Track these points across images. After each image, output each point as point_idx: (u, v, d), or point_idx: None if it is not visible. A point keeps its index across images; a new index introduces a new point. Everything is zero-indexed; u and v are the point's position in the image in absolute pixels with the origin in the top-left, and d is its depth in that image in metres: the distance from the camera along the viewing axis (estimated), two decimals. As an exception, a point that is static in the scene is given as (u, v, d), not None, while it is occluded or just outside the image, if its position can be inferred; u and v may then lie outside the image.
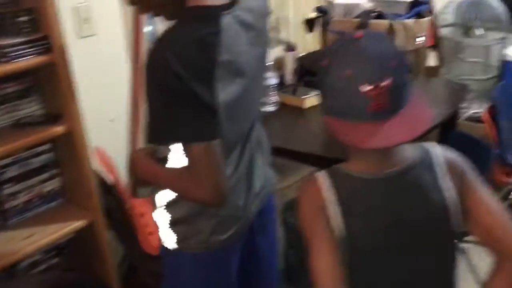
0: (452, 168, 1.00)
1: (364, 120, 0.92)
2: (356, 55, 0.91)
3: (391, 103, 0.91)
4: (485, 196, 1.01)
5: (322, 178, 1.01)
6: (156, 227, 1.33)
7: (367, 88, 0.89)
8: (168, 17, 1.13)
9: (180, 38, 1.00)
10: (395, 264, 1.01)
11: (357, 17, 2.05)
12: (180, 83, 0.97)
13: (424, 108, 0.97)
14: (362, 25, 2.00)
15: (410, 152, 1.00)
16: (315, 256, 0.99)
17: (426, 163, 0.99)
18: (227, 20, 1.04)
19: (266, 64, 1.28)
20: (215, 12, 1.03)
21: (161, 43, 1.02)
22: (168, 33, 1.03)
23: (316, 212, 1.00)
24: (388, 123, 0.91)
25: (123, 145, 2.13)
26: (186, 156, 1.06)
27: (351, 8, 2.07)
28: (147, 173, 1.24)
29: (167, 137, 1.07)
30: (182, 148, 1.07)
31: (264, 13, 1.22)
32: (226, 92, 1.04)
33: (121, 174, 1.97)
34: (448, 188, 0.98)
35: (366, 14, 2.02)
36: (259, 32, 1.16)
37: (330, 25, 2.06)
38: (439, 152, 1.01)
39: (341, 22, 2.05)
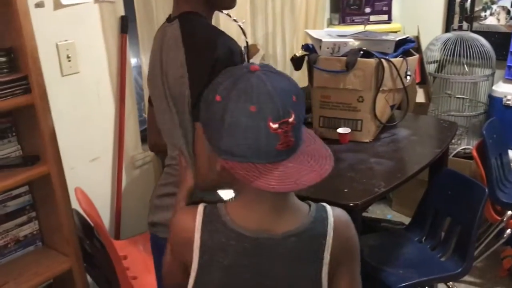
0: (339, 242, 0.93)
1: (271, 160, 0.84)
2: (258, 90, 0.83)
3: (295, 141, 0.86)
4: (353, 283, 0.97)
5: (198, 216, 0.93)
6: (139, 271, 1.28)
7: (275, 125, 0.82)
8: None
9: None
10: None
11: (344, 55, 2.03)
12: None
13: (318, 143, 0.92)
14: (349, 64, 1.98)
15: (301, 213, 0.93)
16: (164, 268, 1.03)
17: (317, 230, 0.91)
18: None
19: None
20: None
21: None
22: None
23: (180, 246, 0.95)
24: (291, 163, 0.85)
25: (106, 185, 2.08)
26: None
27: (338, 47, 2.05)
28: None
29: None
30: None
31: None
32: None
33: (102, 215, 1.91)
34: (328, 261, 0.92)
35: (354, 53, 2.01)
36: None
37: (317, 63, 2.04)
38: (332, 220, 0.93)
39: (328, 60, 2.03)
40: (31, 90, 1.48)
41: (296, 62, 2.21)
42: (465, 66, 2.95)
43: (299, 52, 2.29)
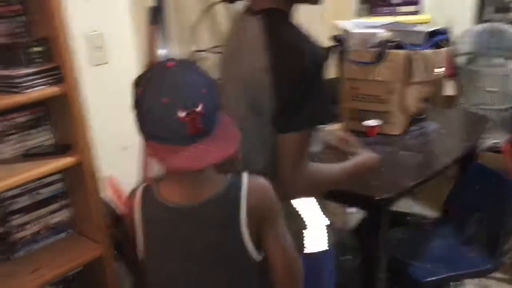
0: (254, 202, 1.04)
1: (182, 143, 0.97)
2: (170, 84, 0.96)
3: (204, 127, 0.98)
4: (278, 237, 1.09)
5: (138, 195, 1.08)
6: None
7: (183, 114, 0.95)
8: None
9: None
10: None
11: (374, 46, 2.01)
12: None
13: (231, 128, 1.04)
14: (379, 55, 1.96)
15: (218, 183, 1.05)
16: None
17: (231, 195, 1.04)
18: None
19: None
20: None
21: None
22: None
23: (130, 223, 1.10)
24: (202, 145, 0.98)
25: (133, 175, 2.10)
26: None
27: (368, 38, 2.03)
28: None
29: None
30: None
31: None
32: None
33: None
34: (245, 223, 1.03)
35: (383, 44, 1.99)
36: None
37: (347, 54, 2.02)
38: (245, 185, 1.05)
39: (358, 51, 2.01)
40: (64, 80, 1.51)
41: (325, 54, 2.19)
42: (497, 58, 2.88)
43: (327, 43, 2.28)
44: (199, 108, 0.96)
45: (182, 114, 0.94)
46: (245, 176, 1.06)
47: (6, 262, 1.63)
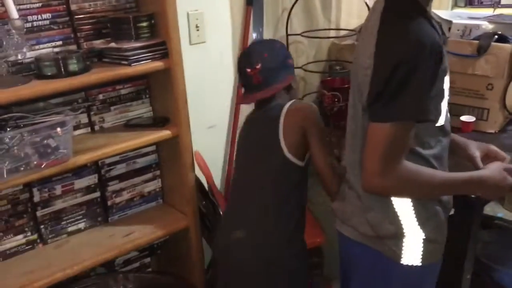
0: (291, 117, 1.43)
1: (250, 90, 1.51)
2: (247, 52, 1.52)
3: (262, 80, 1.46)
4: (316, 144, 1.42)
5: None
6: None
7: (249, 70, 1.46)
8: None
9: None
10: (245, 164, 1.55)
11: (475, 38, 1.91)
12: None
13: (281, 84, 1.49)
14: (482, 48, 1.86)
15: (272, 103, 1.49)
16: None
17: (279, 107, 1.46)
18: None
19: None
20: None
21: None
22: None
23: None
24: (260, 92, 1.47)
25: (219, 152, 2.16)
26: None
27: (470, 29, 1.93)
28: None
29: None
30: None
31: None
32: None
33: (216, 180, 1.99)
34: (282, 123, 1.43)
35: (487, 37, 1.88)
36: None
37: (446, 45, 1.94)
38: (289, 104, 1.45)
39: (458, 42, 1.92)
40: (168, 55, 1.56)
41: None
42: None
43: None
44: (258, 66, 1.45)
45: (248, 69, 1.46)
46: (292, 101, 1.48)
47: (104, 224, 1.74)
